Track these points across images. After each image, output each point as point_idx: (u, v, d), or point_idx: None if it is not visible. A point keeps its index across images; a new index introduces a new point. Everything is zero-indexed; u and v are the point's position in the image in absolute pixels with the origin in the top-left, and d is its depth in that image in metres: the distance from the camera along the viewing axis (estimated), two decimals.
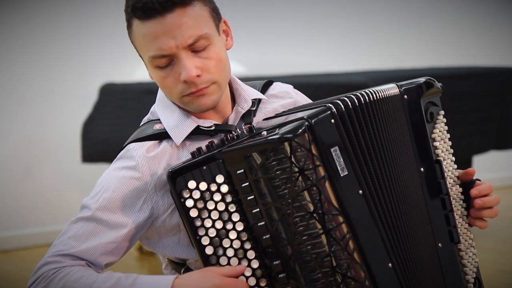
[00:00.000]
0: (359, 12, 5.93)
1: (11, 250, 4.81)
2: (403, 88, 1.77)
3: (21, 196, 4.89)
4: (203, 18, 1.67)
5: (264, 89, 1.88)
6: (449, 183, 1.79)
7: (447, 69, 5.31)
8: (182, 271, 1.78)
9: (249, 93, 1.82)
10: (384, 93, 1.74)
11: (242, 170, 1.62)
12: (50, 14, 4.95)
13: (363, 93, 1.71)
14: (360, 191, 1.65)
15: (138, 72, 5.17)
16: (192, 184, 1.63)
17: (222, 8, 1.75)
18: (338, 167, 1.63)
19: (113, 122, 4.21)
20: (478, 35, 6.44)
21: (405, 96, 1.76)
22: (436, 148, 1.78)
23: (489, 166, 6.09)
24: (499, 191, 5.62)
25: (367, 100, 1.71)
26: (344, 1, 5.88)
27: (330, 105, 1.66)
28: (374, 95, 1.72)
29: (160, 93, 1.80)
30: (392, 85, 1.78)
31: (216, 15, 1.72)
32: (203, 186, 1.63)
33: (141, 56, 1.74)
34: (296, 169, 1.59)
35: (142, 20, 1.65)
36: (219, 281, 1.58)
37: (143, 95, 4.15)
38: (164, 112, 1.77)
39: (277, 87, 1.92)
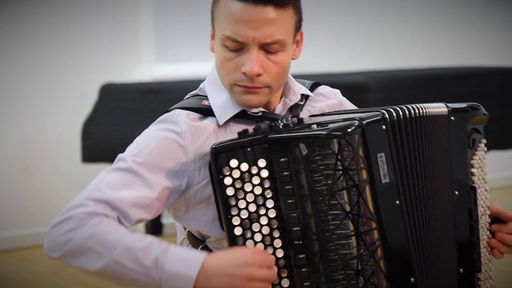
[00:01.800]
0: (359, 12, 5.93)
1: (11, 250, 4.81)
2: (451, 108, 1.77)
3: (21, 196, 4.89)
4: (288, 25, 1.69)
5: (312, 89, 1.89)
6: (480, 212, 1.79)
7: (447, 69, 5.31)
8: (199, 248, 1.78)
9: (298, 87, 1.84)
10: (433, 110, 1.75)
11: (286, 159, 1.62)
12: (50, 14, 4.95)
13: (414, 106, 1.72)
14: (397, 201, 1.65)
15: (138, 72, 5.17)
16: (234, 163, 1.64)
17: None
18: (381, 173, 1.63)
19: (113, 122, 4.21)
20: (478, 35, 6.44)
21: (452, 118, 1.77)
22: (473, 174, 1.79)
23: (489, 166, 6.07)
24: (499, 191, 5.62)
25: (417, 114, 1.71)
26: (344, 1, 5.88)
27: (384, 111, 1.66)
28: (423, 110, 1.73)
29: (213, 72, 1.80)
30: (441, 104, 1.78)
31: (298, 26, 1.74)
32: (244, 167, 1.64)
33: (213, 26, 1.75)
34: (340, 167, 1.59)
35: None
36: (250, 258, 1.58)
37: (143, 95, 4.15)
38: (213, 90, 1.78)
39: (325, 88, 1.93)
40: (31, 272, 4.41)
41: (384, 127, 1.65)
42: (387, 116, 1.66)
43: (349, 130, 1.60)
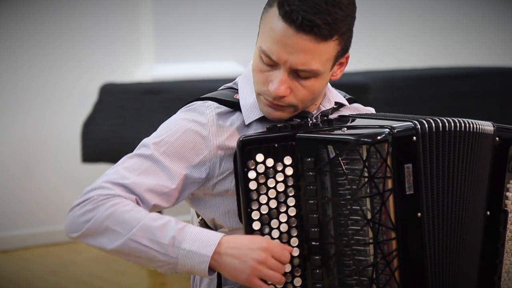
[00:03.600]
0: (359, 12, 5.92)
1: (11, 250, 4.81)
2: (496, 128, 1.76)
3: (21, 196, 4.89)
4: (327, 56, 1.66)
5: (348, 102, 1.88)
6: (507, 236, 1.79)
7: (447, 69, 5.31)
8: None
9: (334, 95, 1.83)
10: (479, 127, 1.73)
11: (312, 159, 1.62)
12: (50, 14, 4.95)
13: (458, 120, 1.70)
14: (419, 214, 1.64)
15: (138, 72, 5.17)
16: (260, 157, 1.63)
17: (223, 8, 1.75)
18: (406, 184, 1.62)
19: (113, 122, 4.21)
20: (478, 35, 6.44)
21: (497, 138, 1.76)
22: (507, 198, 1.78)
23: None
24: None
25: (457, 129, 1.69)
26: None
27: (416, 122, 1.65)
28: (468, 125, 1.72)
29: (248, 70, 1.79)
30: (489, 123, 1.77)
31: (342, 54, 1.71)
32: (269, 162, 1.63)
33: (259, 28, 1.72)
34: (366, 174, 1.58)
35: (280, 17, 1.63)
36: (266, 244, 1.59)
37: (143, 95, 4.15)
38: (245, 87, 1.78)
39: (360, 105, 1.92)
40: (31, 272, 4.41)
41: (414, 138, 1.63)
42: (418, 127, 1.64)
43: (379, 137, 1.59)
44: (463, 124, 1.71)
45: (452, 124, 1.70)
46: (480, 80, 4.87)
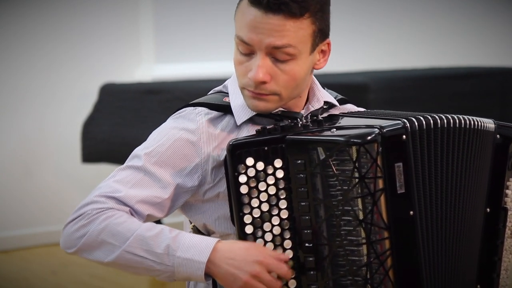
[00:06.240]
0: (359, 12, 5.93)
1: (11, 250, 4.81)
2: (498, 126, 1.76)
3: (21, 196, 4.89)
4: (301, 34, 1.65)
5: (339, 103, 1.87)
6: (506, 234, 1.79)
7: (447, 69, 5.31)
8: None
9: (323, 94, 1.82)
10: (479, 124, 1.73)
11: (302, 161, 1.61)
12: (50, 14, 4.95)
13: (450, 117, 1.69)
14: (411, 212, 1.64)
15: (138, 72, 5.17)
16: (250, 161, 1.62)
17: (223, 8, 1.76)
18: (397, 183, 1.61)
19: (113, 122, 4.21)
20: (478, 35, 6.44)
21: (498, 136, 1.76)
22: (506, 195, 1.78)
23: None
24: None
25: (449, 125, 1.69)
26: (343, 1, 5.88)
27: (405, 120, 1.64)
28: (463, 123, 1.71)
29: None
30: (490, 120, 1.76)
31: (320, 35, 1.70)
32: (260, 166, 1.63)
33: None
34: (357, 175, 1.58)
35: (248, 4, 1.66)
36: (262, 258, 1.59)
37: (143, 95, 4.16)
38: (234, 89, 1.77)
39: (353, 106, 1.91)
40: (31, 272, 4.41)
41: (404, 136, 1.63)
42: (408, 125, 1.64)
43: (368, 138, 1.58)
44: (457, 121, 1.70)
45: (445, 120, 1.69)
46: (480, 80, 4.87)
